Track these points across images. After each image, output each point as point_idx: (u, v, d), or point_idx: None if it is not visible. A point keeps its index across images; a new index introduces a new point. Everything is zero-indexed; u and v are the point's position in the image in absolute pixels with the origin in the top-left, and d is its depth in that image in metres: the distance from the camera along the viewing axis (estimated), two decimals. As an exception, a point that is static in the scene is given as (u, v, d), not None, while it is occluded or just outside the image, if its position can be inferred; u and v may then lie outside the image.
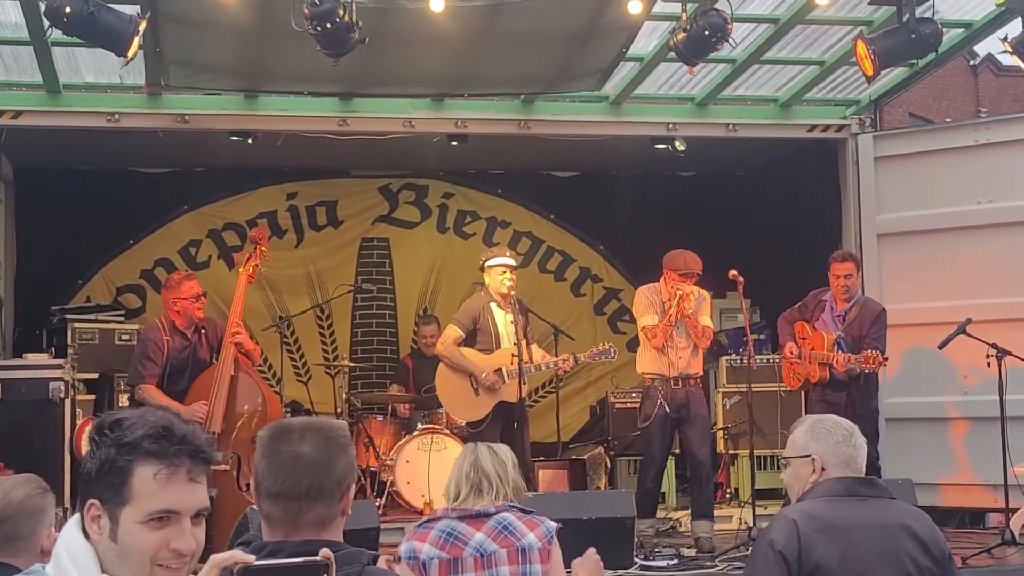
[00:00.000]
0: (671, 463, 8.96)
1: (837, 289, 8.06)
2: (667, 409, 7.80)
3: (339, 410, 9.09)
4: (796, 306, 8.33)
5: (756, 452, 8.47)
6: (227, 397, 7.53)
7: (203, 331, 7.79)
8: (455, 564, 3.69)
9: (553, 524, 3.82)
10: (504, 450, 4.11)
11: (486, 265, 8.21)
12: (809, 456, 3.52)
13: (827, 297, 8.16)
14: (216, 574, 2.01)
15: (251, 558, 2.06)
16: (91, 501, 2.06)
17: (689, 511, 8.22)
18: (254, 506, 3.69)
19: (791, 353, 8.13)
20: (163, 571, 2.06)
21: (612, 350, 8.27)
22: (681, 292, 7.82)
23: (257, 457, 2.56)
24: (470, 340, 8.18)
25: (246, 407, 7.59)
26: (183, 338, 7.70)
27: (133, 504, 2.05)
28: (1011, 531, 7.26)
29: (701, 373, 8.21)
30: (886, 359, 7.76)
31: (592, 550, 3.93)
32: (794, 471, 3.59)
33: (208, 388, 7.53)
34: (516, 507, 3.87)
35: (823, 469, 3.50)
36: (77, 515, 2.10)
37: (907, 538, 3.43)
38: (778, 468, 5.73)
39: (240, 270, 8.11)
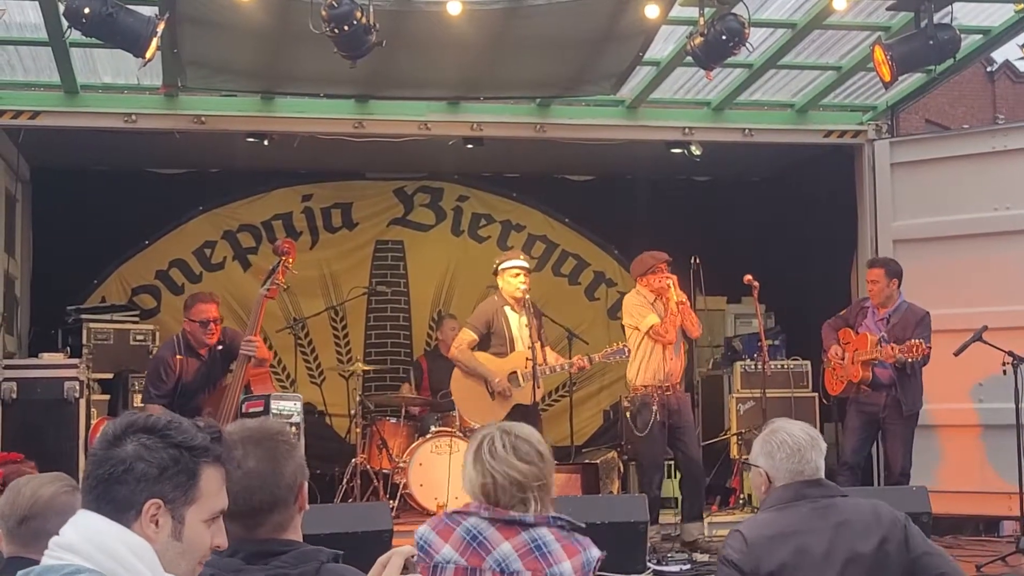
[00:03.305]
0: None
1: (869, 293, 8.16)
2: (662, 415, 7.83)
3: (352, 412, 9.09)
4: (841, 313, 8.36)
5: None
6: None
7: (220, 348, 7.45)
8: (471, 574, 3.13)
9: (596, 553, 3.15)
10: (531, 433, 3.38)
11: (500, 268, 8.20)
12: (759, 467, 3.61)
13: (869, 304, 8.19)
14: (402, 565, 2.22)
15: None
16: (153, 500, 2.07)
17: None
18: None
19: (835, 355, 8.10)
20: (199, 566, 2.18)
21: (626, 349, 8.25)
22: (671, 280, 7.92)
23: None
24: (484, 344, 8.17)
25: None
26: (196, 358, 7.41)
27: (200, 503, 2.13)
28: (1026, 539, 7.24)
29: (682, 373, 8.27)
30: (930, 347, 7.72)
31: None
32: (752, 476, 3.72)
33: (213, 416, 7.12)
34: (561, 521, 3.18)
35: (770, 482, 3.59)
36: (94, 514, 2.06)
37: (857, 534, 3.46)
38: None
39: (261, 291, 7.58)
